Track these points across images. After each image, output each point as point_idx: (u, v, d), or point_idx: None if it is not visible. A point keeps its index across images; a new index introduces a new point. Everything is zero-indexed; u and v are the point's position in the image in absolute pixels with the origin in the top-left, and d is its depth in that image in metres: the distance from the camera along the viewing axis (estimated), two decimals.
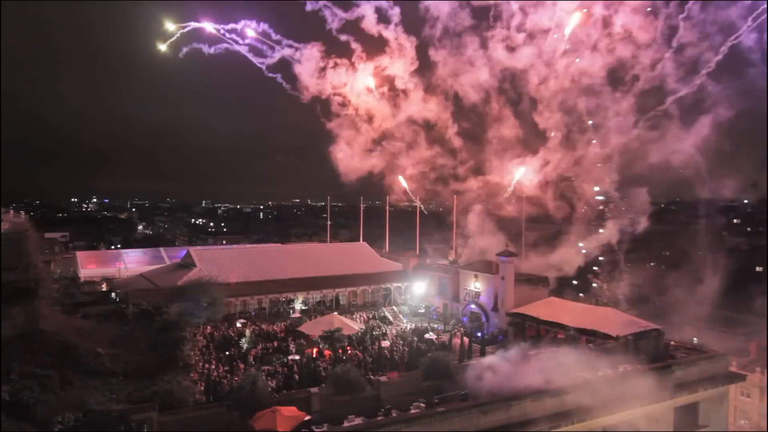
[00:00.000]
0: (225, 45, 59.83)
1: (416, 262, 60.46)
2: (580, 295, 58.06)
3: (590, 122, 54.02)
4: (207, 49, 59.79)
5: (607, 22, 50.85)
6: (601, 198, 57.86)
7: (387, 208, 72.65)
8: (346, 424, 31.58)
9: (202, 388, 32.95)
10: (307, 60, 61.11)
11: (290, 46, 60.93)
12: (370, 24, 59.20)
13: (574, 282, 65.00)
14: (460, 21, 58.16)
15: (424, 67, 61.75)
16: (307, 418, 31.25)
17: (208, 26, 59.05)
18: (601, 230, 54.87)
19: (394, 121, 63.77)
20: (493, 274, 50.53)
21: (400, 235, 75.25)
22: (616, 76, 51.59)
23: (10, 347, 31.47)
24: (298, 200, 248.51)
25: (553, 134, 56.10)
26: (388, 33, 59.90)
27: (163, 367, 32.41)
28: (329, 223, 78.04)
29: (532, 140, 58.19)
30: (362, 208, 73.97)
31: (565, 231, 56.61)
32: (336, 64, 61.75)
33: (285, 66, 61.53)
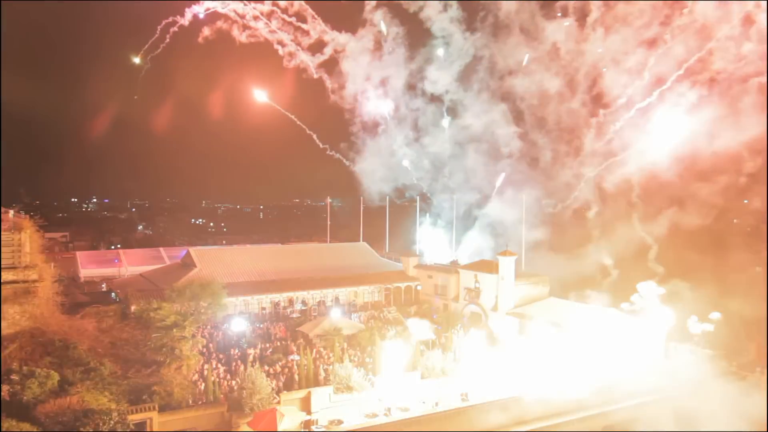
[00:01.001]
0: (245, 30, 57.33)
1: (416, 262, 60.47)
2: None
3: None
4: (238, 36, 57.44)
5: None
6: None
7: (387, 208, 72.60)
8: (346, 424, 31.65)
9: (202, 388, 32.98)
10: (337, 52, 59.51)
11: (312, 35, 58.68)
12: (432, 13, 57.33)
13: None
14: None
15: (478, 65, 60.50)
16: (308, 418, 31.32)
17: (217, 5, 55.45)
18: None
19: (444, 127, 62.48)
20: (493, 274, 50.57)
21: (401, 234, 75.15)
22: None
23: (10, 347, 31.49)
24: (297, 200, 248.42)
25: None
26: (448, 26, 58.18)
27: (163, 367, 32.41)
28: (329, 223, 77.96)
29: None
30: (362, 209, 73.98)
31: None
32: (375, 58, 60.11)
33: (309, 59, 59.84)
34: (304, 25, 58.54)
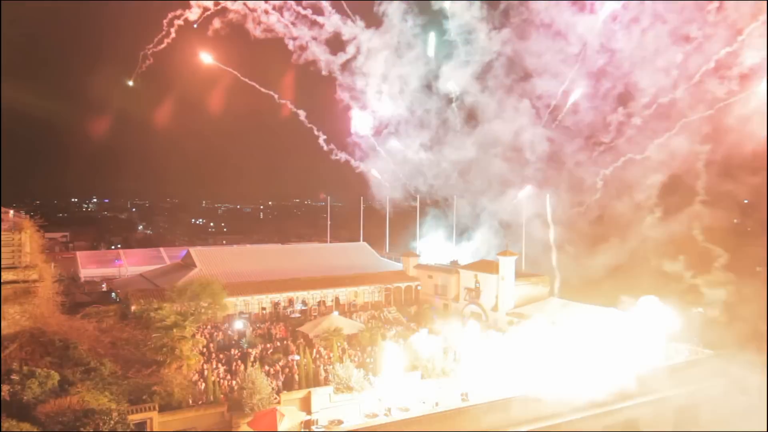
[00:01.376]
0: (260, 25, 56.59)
1: (416, 262, 60.47)
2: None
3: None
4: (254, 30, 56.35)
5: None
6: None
7: (387, 207, 72.63)
8: (346, 424, 31.64)
9: (202, 388, 32.99)
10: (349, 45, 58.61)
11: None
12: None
13: None
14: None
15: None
16: (307, 418, 31.31)
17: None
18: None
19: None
20: (494, 274, 50.58)
21: (401, 235, 75.10)
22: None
23: (10, 347, 31.49)
24: (297, 200, 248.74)
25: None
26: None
27: (163, 367, 32.42)
28: (329, 222, 78.03)
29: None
30: (362, 208, 74.03)
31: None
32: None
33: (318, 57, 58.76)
34: (320, 18, 57.64)
